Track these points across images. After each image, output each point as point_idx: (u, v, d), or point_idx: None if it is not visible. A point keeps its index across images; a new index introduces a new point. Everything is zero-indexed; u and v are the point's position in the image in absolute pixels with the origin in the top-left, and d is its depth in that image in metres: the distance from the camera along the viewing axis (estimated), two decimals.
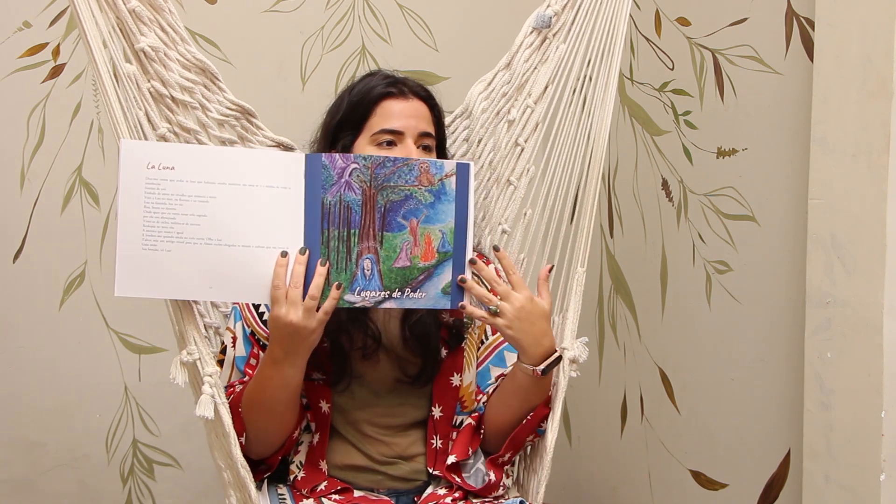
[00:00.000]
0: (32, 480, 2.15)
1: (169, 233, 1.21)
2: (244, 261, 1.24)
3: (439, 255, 1.29)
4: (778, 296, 1.76)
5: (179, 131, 1.45)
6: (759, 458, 1.82)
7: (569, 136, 1.56)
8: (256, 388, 1.33)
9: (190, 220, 1.21)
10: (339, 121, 1.45)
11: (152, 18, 1.40)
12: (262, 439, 1.36)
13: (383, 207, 1.27)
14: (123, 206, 1.20)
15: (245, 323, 1.43)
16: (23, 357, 2.13)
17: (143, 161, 1.20)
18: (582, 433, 2.41)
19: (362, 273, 1.26)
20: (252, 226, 1.24)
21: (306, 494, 1.40)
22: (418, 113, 1.43)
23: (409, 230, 1.28)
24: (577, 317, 1.45)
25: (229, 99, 1.51)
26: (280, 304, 1.24)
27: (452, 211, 1.30)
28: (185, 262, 1.21)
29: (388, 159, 1.28)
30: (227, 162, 1.24)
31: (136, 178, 1.20)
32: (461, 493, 1.42)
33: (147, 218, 1.20)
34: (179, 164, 1.22)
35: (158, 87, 1.42)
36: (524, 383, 1.36)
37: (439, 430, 1.45)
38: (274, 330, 1.26)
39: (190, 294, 1.25)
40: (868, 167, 1.50)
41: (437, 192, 1.29)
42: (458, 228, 1.30)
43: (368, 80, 1.46)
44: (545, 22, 1.59)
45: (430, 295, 1.29)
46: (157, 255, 1.20)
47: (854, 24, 1.53)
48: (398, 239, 1.28)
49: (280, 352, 1.28)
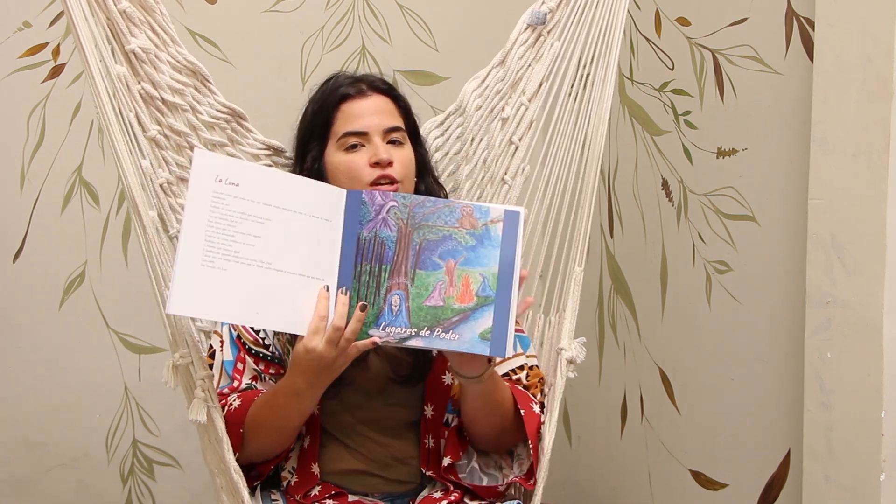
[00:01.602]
0: (32, 480, 2.15)
1: (227, 251, 1.18)
2: (289, 288, 1.22)
3: (479, 299, 1.24)
4: (778, 296, 1.76)
5: (170, 133, 1.45)
6: (759, 458, 1.82)
7: (565, 136, 1.56)
8: (269, 413, 1.30)
9: (247, 240, 1.20)
10: (305, 132, 1.44)
11: (143, 19, 1.39)
12: (259, 455, 1.35)
13: (418, 245, 1.26)
14: (189, 218, 1.17)
15: (232, 326, 1.41)
16: (23, 357, 2.13)
17: (212, 174, 1.19)
18: (582, 433, 2.41)
19: (389, 308, 1.24)
20: (297, 253, 1.23)
21: (300, 500, 1.39)
22: (380, 109, 1.41)
23: (445, 270, 1.25)
24: (574, 317, 1.45)
25: (220, 101, 1.50)
26: (317, 337, 1.22)
27: (497, 257, 1.25)
28: (238, 283, 1.19)
29: (428, 199, 1.27)
30: (284, 187, 1.24)
31: (205, 190, 1.18)
32: (458, 496, 1.41)
33: (209, 233, 1.18)
34: (244, 182, 1.21)
35: (149, 89, 1.41)
36: (470, 392, 1.34)
37: (431, 430, 1.44)
38: (302, 361, 1.24)
39: (238, 318, 1.23)
40: (868, 167, 1.50)
41: (480, 237, 1.25)
42: (503, 274, 1.25)
43: (327, 85, 1.45)
44: (540, 19, 1.59)
45: (466, 338, 1.24)
46: (213, 273, 1.17)
47: (854, 24, 1.52)
48: (431, 278, 1.25)
49: (303, 383, 1.26)
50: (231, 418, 1.31)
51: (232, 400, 1.34)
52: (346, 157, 1.39)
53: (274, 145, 1.58)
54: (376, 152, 1.38)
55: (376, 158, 1.38)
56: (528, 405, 1.37)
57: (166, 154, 1.45)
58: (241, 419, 1.31)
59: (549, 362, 1.49)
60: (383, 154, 1.38)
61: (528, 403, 1.38)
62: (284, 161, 1.57)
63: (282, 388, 1.29)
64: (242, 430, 1.31)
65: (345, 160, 1.39)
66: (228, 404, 1.34)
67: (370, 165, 1.38)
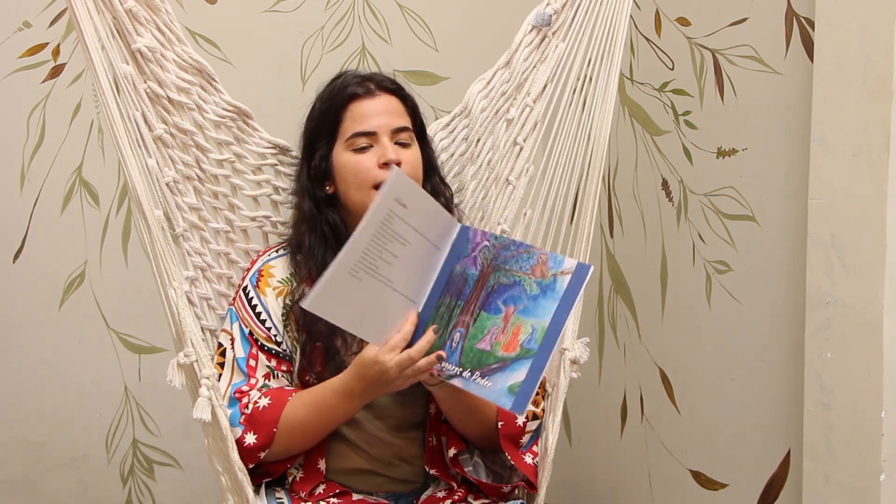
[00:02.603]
0: (32, 480, 2.15)
1: (372, 264, 1.23)
2: (393, 305, 1.27)
3: (521, 351, 1.22)
4: (778, 296, 1.76)
5: (176, 132, 1.45)
6: (759, 458, 1.82)
7: (569, 137, 1.56)
8: (315, 413, 1.33)
9: (387, 258, 1.24)
10: (314, 131, 1.44)
11: (149, 19, 1.39)
12: (287, 453, 1.36)
13: (491, 287, 1.27)
14: (363, 230, 1.21)
15: (242, 323, 1.42)
16: (23, 357, 2.13)
17: (396, 193, 1.23)
18: (582, 433, 2.41)
19: (450, 344, 1.26)
20: (410, 275, 1.28)
21: (304, 498, 1.39)
22: (389, 109, 1.42)
23: (503, 316, 1.26)
24: (577, 317, 1.45)
25: (226, 100, 1.51)
26: (391, 354, 1.25)
27: (553, 309, 1.23)
28: (362, 294, 1.23)
29: (513, 242, 1.29)
30: (430, 212, 1.29)
31: (386, 207, 1.23)
32: (461, 495, 1.41)
33: (370, 246, 1.22)
34: (411, 205, 1.25)
35: (155, 88, 1.41)
36: (438, 395, 1.37)
37: (436, 428, 1.44)
38: (367, 370, 1.27)
39: (344, 323, 1.26)
40: (868, 167, 1.50)
41: (545, 287, 1.25)
42: (552, 330, 1.22)
43: (335, 84, 1.45)
44: (545, 20, 1.59)
45: (496, 388, 1.22)
46: (353, 282, 1.22)
47: (854, 24, 1.53)
48: (490, 321, 1.26)
49: (359, 388, 1.29)
50: (262, 416, 1.32)
51: (256, 398, 1.35)
52: (355, 158, 1.40)
53: (280, 144, 1.58)
54: (385, 153, 1.39)
55: (385, 159, 1.38)
56: (509, 416, 1.37)
57: (172, 153, 1.46)
58: (275, 418, 1.32)
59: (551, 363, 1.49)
60: (391, 154, 1.38)
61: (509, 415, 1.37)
62: (290, 160, 1.57)
63: (336, 387, 1.32)
64: (276, 429, 1.32)
65: (353, 160, 1.40)
66: (253, 402, 1.34)
67: (379, 166, 1.39)
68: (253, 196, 1.57)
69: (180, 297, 1.29)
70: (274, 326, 1.41)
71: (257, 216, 1.58)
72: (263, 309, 1.42)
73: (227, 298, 1.55)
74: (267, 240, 1.60)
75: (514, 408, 1.20)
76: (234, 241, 1.57)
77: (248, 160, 1.55)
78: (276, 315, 1.42)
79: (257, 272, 1.45)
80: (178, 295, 1.29)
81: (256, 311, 1.42)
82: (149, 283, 1.32)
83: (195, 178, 1.50)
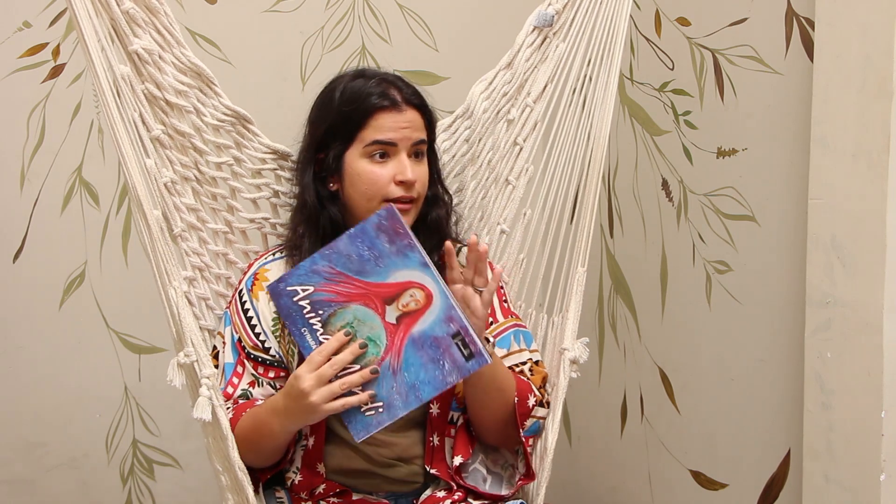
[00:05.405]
0: (32, 480, 2.15)
1: None
2: None
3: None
4: (778, 296, 1.76)
5: (174, 134, 1.45)
6: (759, 458, 1.82)
7: (569, 137, 1.56)
8: (253, 429, 1.34)
9: None
10: (329, 128, 1.42)
11: (147, 20, 1.39)
12: (251, 464, 1.36)
13: None
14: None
15: (234, 328, 1.42)
16: (23, 357, 2.13)
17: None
18: (582, 433, 2.41)
19: None
20: None
21: (305, 497, 1.39)
22: (412, 124, 1.41)
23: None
24: (577, 317, 1.45)
25: (225, 104, 1.50)
26: (311, 367, 1.26)
27: None
28: None
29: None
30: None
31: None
32: (461, 495, 1.42)
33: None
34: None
35: (152, 90, 1.41)
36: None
37: (437, 428, 1.44)
38: (290, 385, 1.28)
39: None
40: (868, 167, 1.50)
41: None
42: None
43: (360, 86, 1.41)
44: (547, 20, 1.59)
45: None
46: None
47: (854, 24, 1.53)
48: None
49: (282, 404, 1.30)
50: None
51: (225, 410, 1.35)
52: (371, 168, 1.39)
53: (280, 150, 1.57)
54: (403, 171, 1.38)
55: (402, 177, 1.38)
56: (524, 393, 1.39)
57: (170, 153, 1.46)
58: (231, 429, 1.32)
59: (551, 362, 1.49)
60: (410, 175, 1.38)
61: (526, 392, 1.40)
62: (290, 165, 1.56)
63: (268, 403, 1.33)
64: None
65: (369, 170, 1.39)
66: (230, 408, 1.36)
67: (395, 182, 1.39)
68: (252, 199, 1.57)
69: (180, 297, 1.29)
70: (263, 332, 1.40)
71: (256, 218, 1.58)
72: (255, 314, 1.41)
73: (225, 299, 1.55)
74: (266, 241, 1.60)
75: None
76: (233, 242, 1.57)
77: (248, 164, 1.55)
78: (268, 321, 1.41)
79: (253, 276, 1.45)
80: (178, 295, 1.28)
81: (248, 315, 1.42)
82: (149, 283, 1.32)
83: (193, 180, 1.50)
